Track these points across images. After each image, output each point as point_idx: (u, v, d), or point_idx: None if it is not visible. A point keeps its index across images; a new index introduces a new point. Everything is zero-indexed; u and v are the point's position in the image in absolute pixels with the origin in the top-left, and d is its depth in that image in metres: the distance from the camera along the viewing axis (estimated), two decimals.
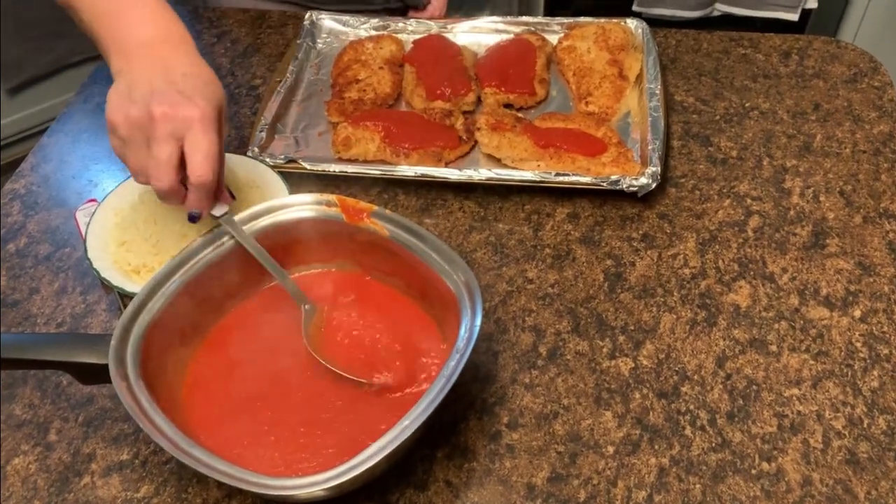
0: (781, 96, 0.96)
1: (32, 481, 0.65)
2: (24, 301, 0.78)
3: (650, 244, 0.80)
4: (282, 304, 0.70)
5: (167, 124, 0.62)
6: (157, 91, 0.63)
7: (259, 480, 0.54)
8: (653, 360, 0.71)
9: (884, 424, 0.66)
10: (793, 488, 0.62)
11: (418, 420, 0.54)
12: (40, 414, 0.69)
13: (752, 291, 0.76)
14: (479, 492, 0.63)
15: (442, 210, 0.85)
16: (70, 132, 0.97)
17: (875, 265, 0.77)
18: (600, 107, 0.92)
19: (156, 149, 0.63)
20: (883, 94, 0.96)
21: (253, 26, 1.11)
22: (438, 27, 1.05)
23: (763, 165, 0.88)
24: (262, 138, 0.88)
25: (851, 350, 0.71)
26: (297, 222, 0.71)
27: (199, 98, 0.64)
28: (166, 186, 0.64)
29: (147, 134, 0.63)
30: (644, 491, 0.62)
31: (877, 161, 0.88)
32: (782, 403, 0.67)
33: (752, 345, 0.71)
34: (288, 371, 0.66)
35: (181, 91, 0.64)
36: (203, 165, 0.63)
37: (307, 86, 0.99)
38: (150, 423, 0.56)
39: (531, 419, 0.67)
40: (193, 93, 0.64)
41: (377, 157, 0.87)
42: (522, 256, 0.80)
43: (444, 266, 0.65)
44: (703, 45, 1.04)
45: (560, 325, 0.74)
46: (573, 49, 0.99)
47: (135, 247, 0.76)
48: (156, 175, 0.64)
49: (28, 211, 0.87)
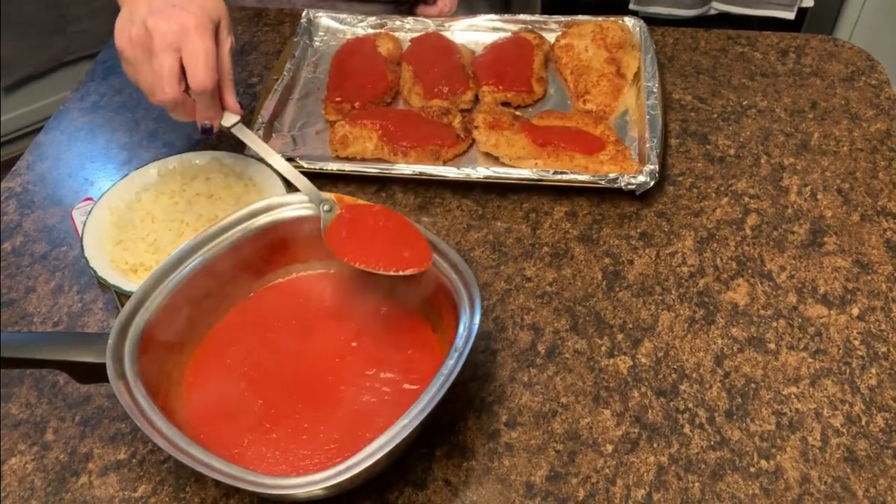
0: (779, 94, 0.96)
1: (29, 481, 0.64)
2: (20, 300, 0.78)
3: (648, 242, 0.80)
4: (282, 303, 0.70)
5: (164, 36, 0.64)
6: (153, 8, 0.65)
7: (257, 479, 0.53)
8: (651, 359, 0.70)
9: (882, 422, 0.66)
10: (791, 486, 0.62)
11: (417, 419, 0.54)
12: (37, 413, 0.69)
13: (750, 290, 0.76)
14: (477, 490, 0.63)
15: (440, 208, 0.85)
16: (66, 130, 0.97)
17: (873, 263, 0.77)
18: (598, 105, 0.92)
19: (156, 62, 0.64)
20: (880, 92, 0.96)
21: (250, 24, 1.11)
22: (436, 25, 1.04)
23: (761, 164, 0.88)
24: (259, 136, 0.88)
25: (849, 348, 0.71)
26: (295, 221, 0.70)
27: (193, 6, 0.66)
28: (170, 97, 0.65)
29: (148, 50, 0.64)
30: (643, 489, 0.62)
31: (874, 159, 0.88)
32: (781, 401, 0.67)
33: (750, 343, 0.71)
34: (289, 369, 0.66)
35: (174, 4, 0.65)
36: (201, 71, 0.65)
37: (304, 84, 0.99)
38: (148, 422, 0.56)
39: (530, 418, 0.67)
40: (187, 3, 0.66)
41: (375, 155, 0.87)
42: (521, 255, 0.80)
43: (442, 264, 0.65)
44: (701, 43, 1.04)
45: (558, 323, 0.73)
46: (571, 47, 0.99)
47: (131, 245, 0.76)
48: (159, 88, 0.65)
49: (24, 209, 0.87)
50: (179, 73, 0.65)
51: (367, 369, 0.65)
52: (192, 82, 0.65)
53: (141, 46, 0.65)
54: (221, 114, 0.69)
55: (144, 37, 0.65)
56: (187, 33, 0.64)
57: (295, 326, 0.69)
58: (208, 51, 0.65)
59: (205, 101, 0.67)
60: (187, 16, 0.64)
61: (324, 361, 0.67)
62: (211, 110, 0.68)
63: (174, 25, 0.64)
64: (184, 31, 0.64)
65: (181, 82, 0.66)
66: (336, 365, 0.66)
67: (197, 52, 0.65)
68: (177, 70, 0.65)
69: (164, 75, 0.65)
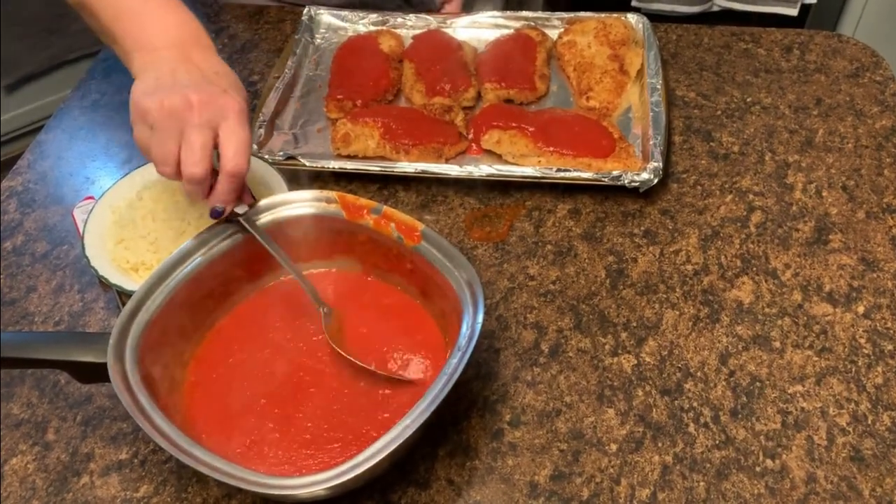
0: (783, 91, 0.96)
1: (31, 481, 0.64)
2: (21, 299, 0.77)
3: (652, 240, 0.80)
4: (284, 302, 0.70)
5: (205, 112, 0.64)
6: (195, 82, 0.65)
7: (259, 479, 0.53)
8: (655, 357, 0.70)
9: (888, 421, 0.65)
10: (797, 485, 0.62)
11: (420, 418, 0.54)
12: (38, 413, 0.68)
13: (754, 287, 0.75)
14: (481, 490, 0.62)
15: (442, 206, 0.84)
16: (67, 129, 0.97)
17: (878, 261, 0.77)
18: (601, 102, 0.92)
19: (192, 135, 0.63)
20: (885, 89, 0.95)
21: (251, 22, 1.10)
22: (438, 22, 1.04)
23: (765, 161, 0.88)
24: (260, 135, 0.88)
25: (855, 346, 0.70)
26: (297, 219, 0.70)
27: (233, 91, 0.66)
28: (201, 172, 0.64)
29: (182, 121, 0.64)
30: (648, 489, 0.62)
31: (879, 156, 0.87)
32: (786, 400, 0.67)
33: (755, 341, 0.71)
34: (292, 368, 0.66)
35: (213, 83, 0.66)
36: (238, 155, 0.64)
37: (305, 82, 0.98)
38: (149, 422, 0.56)
39: (533, 417, 0.66)
40: (229, 87, 0.67)
41: (377, 153, 0.87)
42: (524, 253, 0.79)
43: (445, 263, 0.65)
44: (704, 39, 1.04)
45: (562, 322, 0.73)
46: (574, 44, 0.98)
47: (133, 244, 0.75)
48: (192, 161, 0.64)
49: (25, 208, 0.87)
50: (212, 152, 0.65)
51: (369, 368, 0.65)
52: (227, 163, 0.64)
53: (174, 117, 0.63)
54: (236, 200, 0.68)
55: (182, 108, 0.63)
56: (228, 116, 0.64)
57: (297, 326, 0.69)
58: (247, 137, 0.65)
59: (232, 184, 0.66)
60: (231, 99, 0.65)
61: (325, 361, 0.66)
62: (232, 193, 0.66)
63: (217, 106, 0.64)
64: (224, 114, 0.64)
65: (211, 161, 0.65)
66: (339, 364, 0.66)
67: (236, 135, 0.64)
68: (211, 147, 0.64)
69: (196, 151, 0.63)
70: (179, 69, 0.67)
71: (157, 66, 0.67)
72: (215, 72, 0.68)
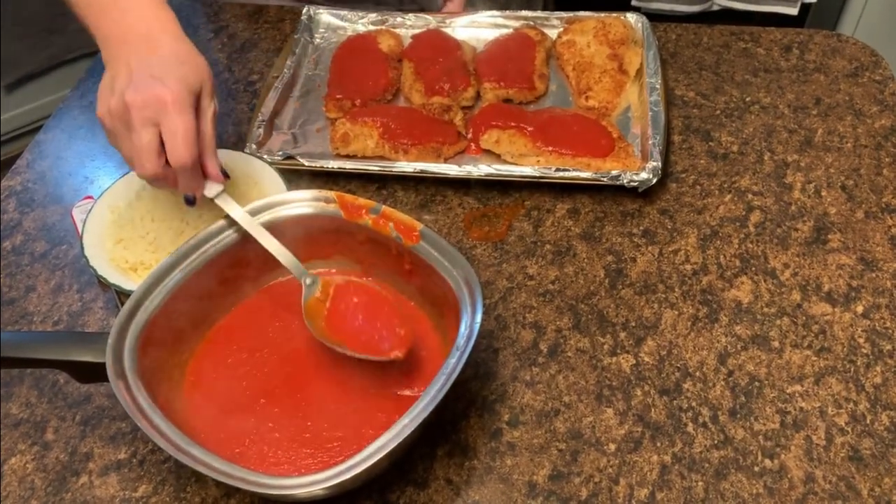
0: (782, 90, 0.96)
1: (30, 481, 0.64)
2: (20, 299, 0.77)
3: (651, 240, 0.80)
4: (283, 302, 0.70)
5: (143, 111, 0.63)
6: (133, 79, 0.64)
7: (258, 479, 0.53)
8: (654, 357, 0.70)
9: (887, 421, 0.65)
10: (796, 485, 0.62)
11: (418, 418, 0.54)
12: (37, 413, 0.68)
13: (753, 287, 0.75)
14: (479, 490, 0.62)
15: (441, 206, 0.84)
16: (66, 129, 0.96)
17: (877, 260, 0.77)
18: (600, 101, 0.92)
19: (135, 137, 0.64)
20: (884, 88, 0.95)
21: (250, 21, 1.10)
22: (437, 22, 1.04)
23: (764, 160, 0.87)
24: (259, 134, 0.88)
25: (854, 346, 0.70)
26: (296, 219, 0.70)
27: (172, 80, 0.64)
28: (151, 172, 0.65)
29: (126, 124, 0.64)
30: (646, 489, 0.62)
31: (878, 156, 0.87)
32: (785, 400, 0.67)
33: (754, 341, 0.71)
34: (291, 368, 0.66)
35: (153, 75, 0.64)
36: (179, 148, 0.64)
37: (305, 81, 0.98)
38: (148, 421, 0.56)
39: (532, 417, 0.66)
40: (166, 74, 0.64)
41: (376, 153, 0.87)
42: (522, 253, 0.79)
43: (443, 262, 0.65)
44: (704, 39, 1.04)
45: (561, 321, 0.73)
46: (573, 43, 0.98)
47: (132, 244, 0.75)
48: (139, 162, 0.65)
49: (24, 208, 0.87)
50: (159, 148, 0.64)
51: (368, 368, 0.65)
52: (171, 159, 0.64)
53: (120, 119, 0.64)
54: (203, 185, 0.68)
55: (123, 111, 0.64)
56: (165, 109, 0.63)
57: (296, 325, 0.69)
58: (188, 127, 0.64)
59: (185, 175, 0.66)
60: (165, 90, 0.63)
61: (325, 360, 0.66)
62: (192, 182, 0.67)
63: (151, 100, 0.63)
64: (161, 107, 0.63)
65: (161, 157, 0.65)
66: (337, 364, 0.66)
67: (175, 128, 0.64)
68: (156, 146, 0.64)
69: (142, 151, 0.64)
70: (127, 61, 0.65)
71: (116, 63, 0.66)
72: (159, 56, 0.66)
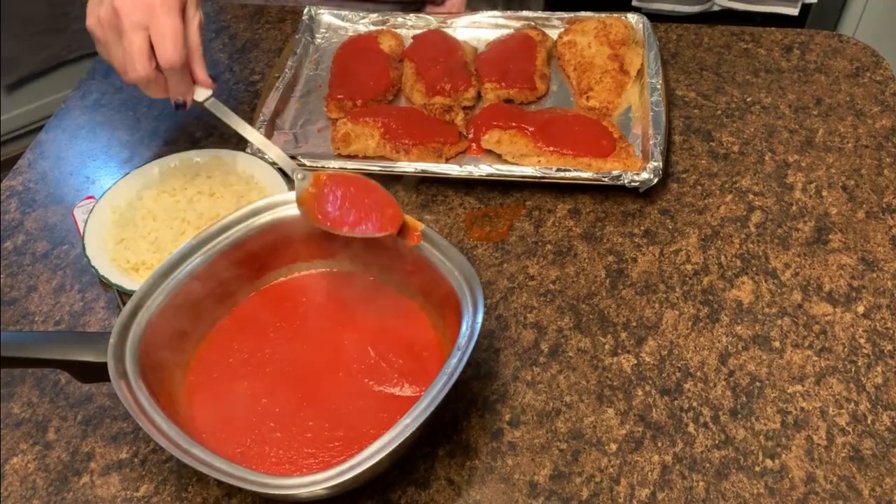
0: (783, 91, 0.96)
1: (31, 480, 0.64)
2: (21, 299, 0.77)
3: (652, 240, 0.80)
4: (284, 302, 0.70)
5: (132, 15, 0.66)
6: None
7: (259, 479, 0.53)
8: (655, 357, 0.70)
9: (888, 421, 0.65)
10: (797, 485, 0.62)
11: (420, 418, 0.54)
12: (39, 413, 0.69)
13: (754, 287, 0.75)
14: (480, 490, 0.62)
15: (442, 206, 0.84)
16: (67, 129, 0.97)
17: (878, 260, 0.77)
18: (601, 102, 0.92)
19: (125, 42, 0.66)
20: (885, 89, 0.95)
21: (251, 21, 1.10)
22: (438, 22, 1.04)
23: (765, 160, 0.88)
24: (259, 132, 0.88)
25: (855, 346, 0.70)
26: (297, 219, 0.70)
27: None
28: (143, 75, 0.68)
29: (117, 30, 0.66)
30: (647, 488, 0.62)
31: (879, 156, 0.87)
32: (786, 400, 0.67)
33: (754, 341, 0.71)
34: (292, 368, 0.66)
35: None
36: (169, 49, 0.67)
37: (306, 81, 0.98)
38: (149, 421, 0.56)
39: (533, 416, 0.66)
40: None
41: (377, 153, 0.87)
42: (524, 253, 0.79)
43: (444, 262, 0.65)
44: (705, 39, 1.04)
45: (562, 321, 0.73)
46: (574, 44, 0.98)
47: (133, 244, 0.75)
48: (131, 66, 0.67)
49: (25, 208, 0.87)
50: (149, 52, 0.67)
51: (369, 368, 0.65)
52: (161, 59, 0.68)
53: (110, 27, 0.67)
54: (193, 89, 0.72)
55: (112, 17, 0.66)
56: (154, 12, 0.66)
57: (297, 325, 0.69)
58: (175, 28, 0.67)
59: (175, 77, 0.69)
60: None
61: (326, 360, 0.66)
62: (182, 86, 0.70)
63: (140, 4, 0.66)
64: (150, 10, 0.66)
65: (151, 60, 0.68)
66: (339, 363, 0.66)
67: (164, 30, 0.66)
68: (146, 48, 0.67)
69: (134, 54, 0.67)
70: None
71: None
72: None
